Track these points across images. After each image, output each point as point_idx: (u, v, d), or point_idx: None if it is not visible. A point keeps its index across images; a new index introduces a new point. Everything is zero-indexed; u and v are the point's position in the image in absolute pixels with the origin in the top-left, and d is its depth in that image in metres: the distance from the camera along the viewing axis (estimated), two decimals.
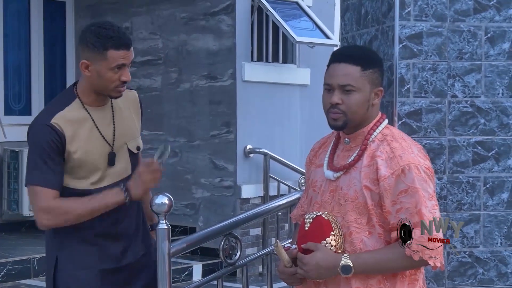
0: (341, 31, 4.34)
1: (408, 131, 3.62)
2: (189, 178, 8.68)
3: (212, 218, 8.35)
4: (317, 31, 8.94)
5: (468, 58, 3.72)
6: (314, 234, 2.91)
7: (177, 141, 8.76)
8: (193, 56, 8.65)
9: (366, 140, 2.97)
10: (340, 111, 2.93)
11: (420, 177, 2.86)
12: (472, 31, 3.73)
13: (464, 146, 3.71)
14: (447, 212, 3.67)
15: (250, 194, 8.46)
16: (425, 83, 3.68)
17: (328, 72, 2.97)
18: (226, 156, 8.44)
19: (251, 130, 8.53)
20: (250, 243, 8.47)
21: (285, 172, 8.65)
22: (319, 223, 2.92)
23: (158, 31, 8.93)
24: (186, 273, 7.82)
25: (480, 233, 3.71)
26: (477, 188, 3.72)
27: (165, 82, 8.86)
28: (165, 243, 3.37)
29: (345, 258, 2.85)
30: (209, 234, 3.80)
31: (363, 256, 2.87)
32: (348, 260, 2.85)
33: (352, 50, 3.10)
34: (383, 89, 2.98)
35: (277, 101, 8.92)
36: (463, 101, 3.72)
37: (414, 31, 3.67)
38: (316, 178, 3.11)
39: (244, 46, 8.50)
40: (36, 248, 7.52)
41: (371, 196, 2.89)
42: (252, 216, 4.21)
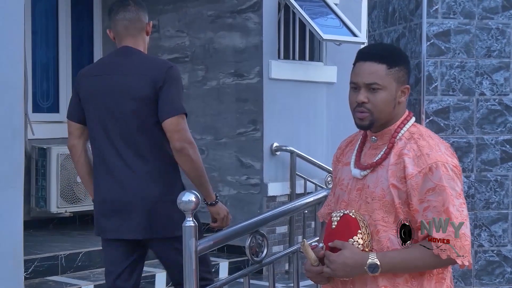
0: (368, 28, 4.33)
1: (436, 129, 3.60)
2: (215, 175, 8.69)
3: (238, 216, 8.35)
4: (344, 29, 8.92)
5: (496, 55, 3.70)
6: (341, 232, 2.91)
7: (204, 138, 8.78)
8: (220, 54, 8.66)
9: (393, 138, 2.96)
10: (367, 110, 2.93)
11: (448, 175, 2.84)
12: (500, 28, 3.70)
13: (492, 144, 3.69)
14: (475, 210, 3.65)
15: (276, 192, 8.46)
16: (453, 81, 3.66)
17: (354, 70, 2.97)
18: (253, 154, 8.44)
19: (278, 128, 8.52)
20: (276, 241, 8.47)
21: (312, 170, 8.64)
22: (346, 221, 2.92)
23: (185, 29, 8.94)
24: (213, 270, 7.83)
25: (508, 231, 3.69)
26: (505, 186, 3.70)
27: (192, 80, 8.87)
28: (192, 241, 3.38)
29: (372, 257, 2.84)
30: (235, 232, 3.80)
31: (390, 254, 2.86)
32: (376, 258, 2.84)
33: (377, 48, 3.08)
34: (409, 87, 2.97)
35: (303, 99, 8.91)
36: (491, 99, 3.70)
37: (442, 28, 3.66)
38: (343, 176, 3.11)
39: (271, 44, 8.50)
40: (63, 245, 7.56)
41: (398, 194, 2.88)
42: (278, 214, 4.21)
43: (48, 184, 8.24)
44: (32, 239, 7.49)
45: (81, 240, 7.92)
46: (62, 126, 8.93)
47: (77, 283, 6.88)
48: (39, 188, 8.35)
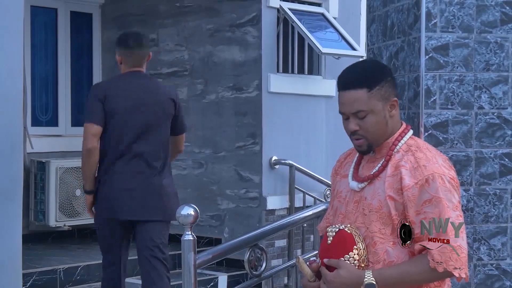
0: (367, 42, 4.34)
1: (435, 143, 3.60)
2: (214, 189, 8.69)
3: (237, 230, 8.35)
4: (343, 43, 8.93)
5: (495, 69, 3.71)
6: (337, 248, 2.90)
7: (203, 152, 8.78)
8: (219, 68, 8.67)
9: (391, 151, 2.96)
10: (361, 136, 2.95)
11: (445, 187, 2.84)
12: (499, 42, 3.71)
13: (491, 158, 3.69)
14: (474, 224, 3.65)
15: (275, 206, 8.45)
16: (452, 94, 3.67)
17: (338, 100, 2.98)
18: (252, 167, 8.44)
19: (277, 141, 8.52)
20: (275, 255, 8.45)
21: (311, 184, 8.63)
22: (342, 237, 2.91)
23: (184, 43, 8.96)
24: (212, 284, 7.82)
25: (507, 245, 3.69)
26: (504, 200, 3.70)
27: (191, 94, 8.88)
28: (191, 254, 3.37)
29: (369, 276, 2.84)
30: (234, 245, 3.80)
31: (386, 272, 2.86)
32: (372, 278, 2.84)
33: (354, 73, 3.00)
34: (397, 99, 2.96)
35: (302, 113, 8.91)
36: (490, 112, 3.70)
37: (440, 42, 3.66)
38: (341, 188, 3.11)
39: (269, 58, 8.51)
40: (62, 258, 7.55)
41: (395, 206, 2.88)
42: (277, 227, 4.21)
43: (47, 197, 8.24)
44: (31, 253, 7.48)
45: (80, 254, 7.91)
46: (61, 140, 8.95)
47: None
48: (38, 202, 8.34)
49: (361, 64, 3.04)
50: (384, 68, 3.05)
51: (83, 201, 8.41)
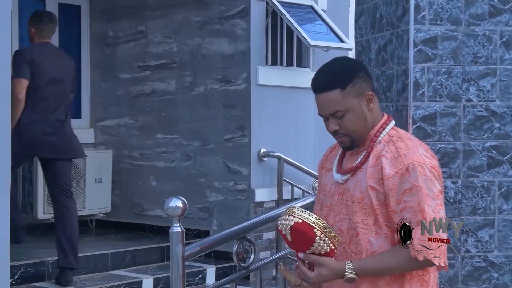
0: (356, 35, 4.34)
1: (423, 135, 3.61)
2: (202, 181, 8.69)
3: (226, 222, 8.35)
4: (332, 35, 8.93)
5: (483, 62, 3.72)
6: (301, 241, 2.89)
7: (191, 144, 8.77)
8: (208, 60, 8.66)
9: (373, 142, 2.98)
10: (342, 135, 2.99)
11: (425, 176, 2.86)
12: (487, 35, 3.72)
13: (478, 150, 3.70)
14: (461, 216, 3.66)
15: (264, 198, 8.46)
16: (440, 87, 3.67)
17: (316, 102, 3.00)
18: (240, 160, 8.43)
19: (265, 133, 8.52)
20: (263, 247, 8.45)
21: (299, 176, 8.64)
22: (298, 230, 2.88)
23: (172, 35, 8.94)
24: (200, 276, 7.82)
25: (494, 237, 3.70)
26: (491, 192, 3.71)
27: (180, 86, 8.87)
28: (179, 246, 3.37)
29: (349, 270, 2.85)
30: (223, 237, 3.80)
31: (367, 264, 2.88)
32: (353, 272, 2.85)
33: (325, 75, 3.03)
34: (373, 93, 2.97)
35: (291, 105, 8.91)
36: (478, 105, 3.71)
37: (429, 35, 3.67)
38: (326, 182, 3.14)
39: (258, 50, 8.50)
40: (50, 251, 7.53)
41: (376, 196, 2.90)
42: (265, 219, 4.21)
43: (35, 190, 8.22)
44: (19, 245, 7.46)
45: None
46: None
47: None
48: (26, 194, 8.33)
49: (331, 64, 3.05)
50: (355, 64, 3.06)
51: None
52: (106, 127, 9.43)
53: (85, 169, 8.61)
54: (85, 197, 8.64)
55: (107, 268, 7.60)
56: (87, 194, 8.65)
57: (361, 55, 4.23)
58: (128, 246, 8.07)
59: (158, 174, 9.03)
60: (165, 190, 8.72)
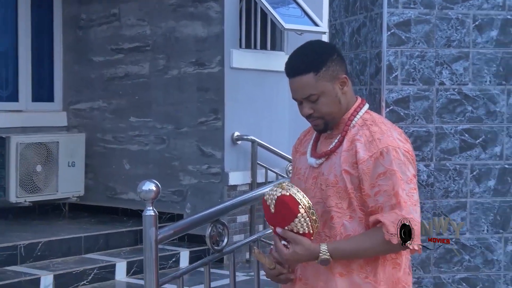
0: (330, 18, 4.33)
1: (396, 119, 3.62)
2: (176, 165, 8.68)
3: (199, 205, 8.35)
4: (306, 18, 8.92)
5: (456, 45, 3.72)
6: (283, 215, 2.89)
7: (165, 128, 8.75)
8: (181, 43, 8.63)
9: (347, 126, 2.99)
10: (316, 118, 2.99)
11: (399, 160, 2.87)
12: (460, 18, 3.73)
13: (451, 133, 3.71)
14: (434, 199, 3.68)
15: (237, 181, 8.46)
16: (413, 70, 3.68)
17: (289, 86, 2.99)
18: (214, 143, 8.43)
19: (239, 117, 8.52)
20: (237, 230, 8.47)
21: (273, 159, 8.65)
22: (284, 203, 2.88)
23: (146, 18, 8.90)
24: (173, 259, 7.82)
25: (466, 220, 3.72)
26: (464, 175, 3.73)
27: (153, 69, 8.84)
28: (152, 230, 3.36)
29: (324, 251, 2.86)
30: (196, 220, 3.79)
31: (341, 245, 2.88)
32: (327, 253, 2.85)
33: (298, 59, 3.02)
34: (346, 76, 2.98)
35: (265, 88, 8.91)
36: (451, 88, 3.72)
37: (402, 18, 3.67)
38: (300, 165, 3.14)
39: (232, 33, 8.48)
40: (22, 234, 7.51)
41: (350, 180, 2.91)
42: (239, 203, 4.21)
43: (7, 173, 8.18)
44: None
45: (40, 229, 7.87)
46: (22, 115, 8.87)
47: (36, 272, 6.84)
48: None
49: (304, 48, 3.04)
50: (328, 48, 3.06)
51: (44, 177, 8.37)
52: (79, 110, 9.38)
53: (58, 152, 8.57)
54: (58, 180, 8.60)
55: (80, 251, 7.59)
56: (60, 178, 8.61)
57: (335, 38, 4.23)
58: (101, 229, 8.06)
59: (132, 157, 9.00)
60: (139, 174, 8.70)
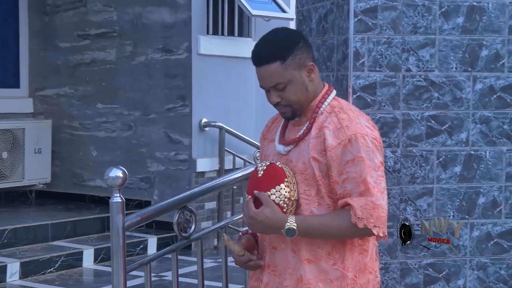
0: (297, 4, 4.33)
1: (363, 105, 3.63)
2: (144, 151, 8.65)
3: (167, 192, 8.34)
4: (273, 5, 8.92)
5: (422, 32, 3.74)
6: (267, 181, 2.92)
7: (132, 114, 8.72)
8: (148, 29, 8.59)
9: (315, 113, 2.99)
10: (284, 106, 2.98)
11: (367, 147, 2.88)
12: (426, 5, 3.74)
13: (417, 120, 3.73)
14: (400, 185, 3.70)
15: (205, 168, 8.46)
16: (380, 57, 3.69)
17: (256, 74, 2.99)
18: (181, 130, 8.42)
19: (207, 103, 8.51)
20: (205, 217, 8.47)
21: (241, 146, 8.65)
22: (273, 170, 2.93)
23: (112, 4, 8.84)
24: (141, 246, 7.81)
25: (433, 206, 3.75)
26: (430, 161, 3.75)
27: (120, 55, 8.79)
28: (119, 217, 3.35)
29: (291, 221, 2.86)
30: (163, 207, 3.78)
31: (309, 219, 2.89)
32: (294, 223, 2.86)
33: (264, 48, 3.00)
34: (313, 63, 2.98)
35: (232, 75, 8.90)
36: (417, 75, 3.74)
37: (369, 5, 3.68)
38: (268, 153, 3.14)
39: (199, 19, 8.46)
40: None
41: (319, 167, 2.91)
42: (207, 189, 4.20)
43: None
44: None
45: (6, 217, 7.82)
46: None
47: (2, 260, 6.80)
48: None
49: (270, 36, 3.03)
50: (294, 35, 3.04)
51: (10, 164, 8.31)
52: (46, 97, 9.32)
53: (24, 139, 8.51)
54: (24, 167, 8.55)
55: (47, 239, 7.55)
56: (26, 165, 8.56)
57: (302, 24, 4.23)
58: (69, 216, 8.03)
59: (99, 144, 8.96)
60: (106, 160, 8.67)
